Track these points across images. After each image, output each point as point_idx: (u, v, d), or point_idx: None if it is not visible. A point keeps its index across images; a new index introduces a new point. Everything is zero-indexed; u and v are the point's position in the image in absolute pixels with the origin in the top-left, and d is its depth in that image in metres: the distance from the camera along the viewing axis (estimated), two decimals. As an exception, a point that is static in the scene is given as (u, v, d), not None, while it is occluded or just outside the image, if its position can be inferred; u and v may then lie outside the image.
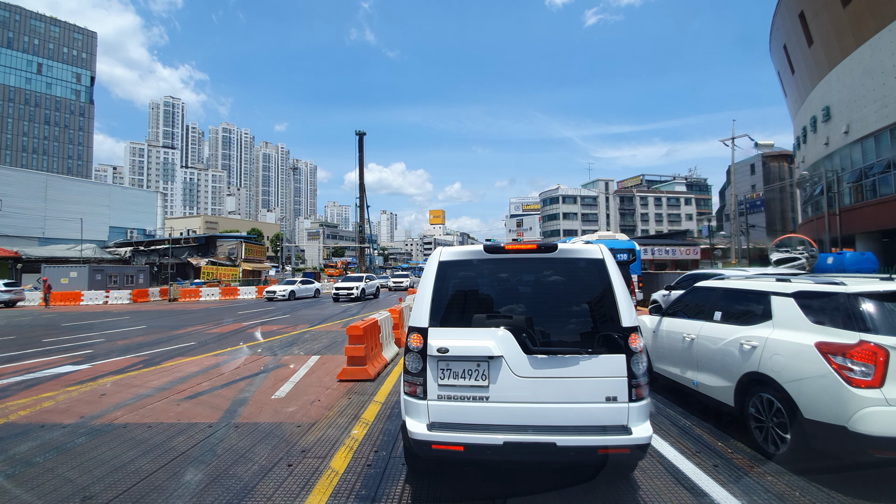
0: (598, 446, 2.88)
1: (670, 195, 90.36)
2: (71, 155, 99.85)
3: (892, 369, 3.28)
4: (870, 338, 3.40)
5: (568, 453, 2.87)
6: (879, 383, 3.28)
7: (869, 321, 3.52)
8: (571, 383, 3.00)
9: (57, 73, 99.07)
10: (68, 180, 56.56)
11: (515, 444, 2.89)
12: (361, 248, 70.18)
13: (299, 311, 20.32)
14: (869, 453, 3.25)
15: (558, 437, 2.88)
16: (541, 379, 3.02)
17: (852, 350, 3.42)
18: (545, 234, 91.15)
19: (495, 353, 3.04)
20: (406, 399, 3.20)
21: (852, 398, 3.32)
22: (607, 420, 2.96)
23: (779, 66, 37.23)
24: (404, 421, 3.16)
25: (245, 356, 9.35)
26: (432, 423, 3.05)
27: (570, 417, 2.97)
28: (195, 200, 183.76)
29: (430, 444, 2.98)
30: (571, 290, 3.31)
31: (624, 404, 2.96)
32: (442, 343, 3.11)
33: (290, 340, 11.48)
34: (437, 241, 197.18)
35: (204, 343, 11.35)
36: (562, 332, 3.18)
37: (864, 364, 3.35)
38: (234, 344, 11.08)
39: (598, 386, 2.99)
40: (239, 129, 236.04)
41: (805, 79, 31.72)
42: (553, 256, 3.34)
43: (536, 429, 2.96)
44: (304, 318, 17.09)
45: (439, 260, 3.46)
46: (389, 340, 9.19)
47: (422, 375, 3.13)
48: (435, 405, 3.09)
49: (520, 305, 3.31)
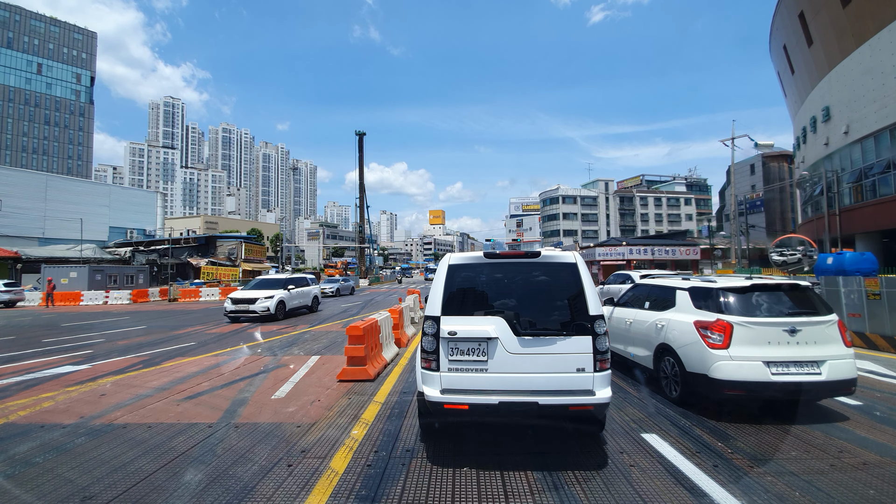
0: (569, 404, 3.71)
1: (670, 195, 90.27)
2: (71, 155, 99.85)
3: (735, 337, 4.96)
4: (723, 317, 5.12)
5: (547, 410, 3.69)
6: (727, 346, 4.96)
7: (724, 306, 5.22)
8: (550, 358, 3.83)
9: (57, 74, 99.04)
10: (68, 180, 56.46)
11: (507, 403, 3.70)
12: (361, 248, 70.17)
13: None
14: (721, 392, 4.92)
15: (540, 398, 3.70)
16: (527, 354, 3.84)
17: (711, 325, 5.14)
18: (545, 234, 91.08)
19: (493, 336, 3.87)
20: (423, 372, 3.99)
21: (711, 355, 5.00)
22: (577, 386, 3.78)
23: (779, 67, 37.23)
24: (421, 390, 3.96)
25: (245, 356, 9.35)
26: (444, 389, 3.87)
27: (549, 383, 3.79)
28: (195, 200, 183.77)
29: (442, 404, 3.80)
30: (551, 287, 4.11)
31: (590, 374, 3.79)
32: (451, 328, 3.93)
33: (290, 341, 11.48)
34: (437, 241, 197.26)
35: (204, 343, 11.35)
36: (543, 318, 3.98)
37: (719, 334, 5.04)
38: (234, 344, 11.08)
39: (571, 360, 3.81)
40: (239, 129, 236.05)
41: (805, 79, 31.71)
42: (537, 261, 4.21)
43: (523, 392, 3.78)
44: (304, 319, 17.09)
45: (448, 264, 4.29)
46: (389, 340, 9.19)
47: (435, 353, 3.93)
48: (446, 375, 3.90)
49: (511, 299, 4.09)
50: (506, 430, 4.59)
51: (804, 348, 4.88)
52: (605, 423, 4.49)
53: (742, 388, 4.81)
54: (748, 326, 4.97)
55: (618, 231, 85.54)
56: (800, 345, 4.89)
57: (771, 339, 4.91)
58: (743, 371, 4.82)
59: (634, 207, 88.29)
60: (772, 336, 4.92)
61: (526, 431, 4.53)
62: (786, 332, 4.90)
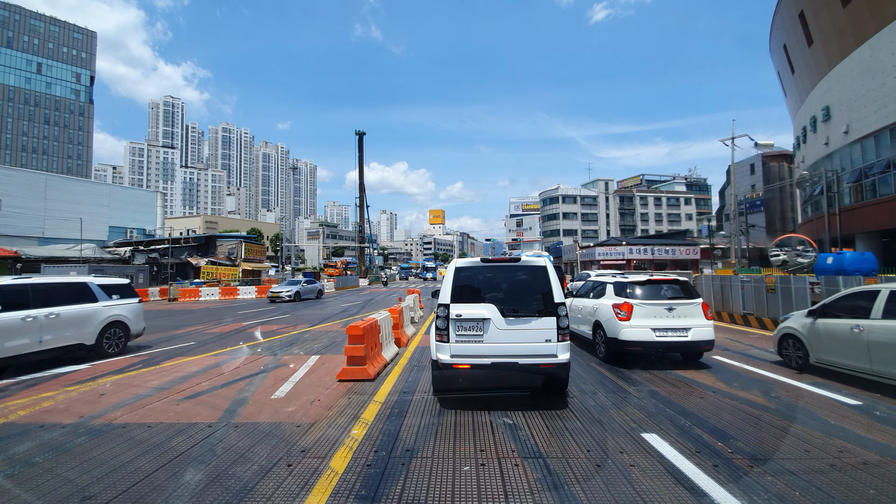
0: (539, 364, 5.23)
1: (670, 195, 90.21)
2: (71, 155, 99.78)
3: (634, 313, 7.77)
4: (628, 300, 7.94)
5: (524, 367, 5.24)
6: (629, 318, 7.78)
7: (630, 293, 8.11)
8: (527, 332, 5.32)
9: (56, 73, 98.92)
10: (68, 180, 56.22)
11: (497, 363, 5.26)
12: (361, 247, 70.15)
13: (300, 311, 20.33)
14: (626, 349, 7.76)
15: (519, 360, 5.26)
16: (511, 330, 5.33)
17: (620, 306, 7.94)
18: (545, 233, 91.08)
19: (487, 317, 5.35)
20: (437, 343, 5.45)
21: (619, 325, 7.83)
22: (545, 351, 5.26)
23: (779, 66, 37.19)
24: (435, 357, 5.45)
25: (245, 356, 9.34)
26: (453, 355, 5.36)
27: (526, 350, 5.29)
28: (195, 200, 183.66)
29: (451, 364, 5.33)
30: (528, 283, 5.58)
31: (554, 343, 5.27)
32: (457, 312, 5.40)
33: (290, 340, 11.48)
34: (437, 241, 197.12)
35: (203, 343, 11.35)
36: (522, 305, 5.43)
37: (624, 311, 7.85)
38: (233, 343, 11.08)
39: (541, 333, 5.30)
40: (238, 129, 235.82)
41: (805, 79, 31.68)
42: (518, 264, 5.72)
43: (508, 356, 5.28)
44: (304, 318, 17.09)
45: (455, 266, 5.76)
46: (389, 340, 9.18)
47: (446, 329, 5.39)
48: (454, 345, 5.37)
49: (499, 292, 5.56)
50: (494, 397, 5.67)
51: (677, 320, 7.68)
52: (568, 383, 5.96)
53: (638, 346, 7.65)
54: (642, 306, 7.80)
55: (618, 231, 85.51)
56: (675, 318, 7.69)
57: (657, 315, 7.72)
58: (638, 334, 7.62)
59: (634, 207, 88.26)
60: (657, 312, 7.73)
61: (505, 395, 5.97)
62: (665, 310, 7.73)
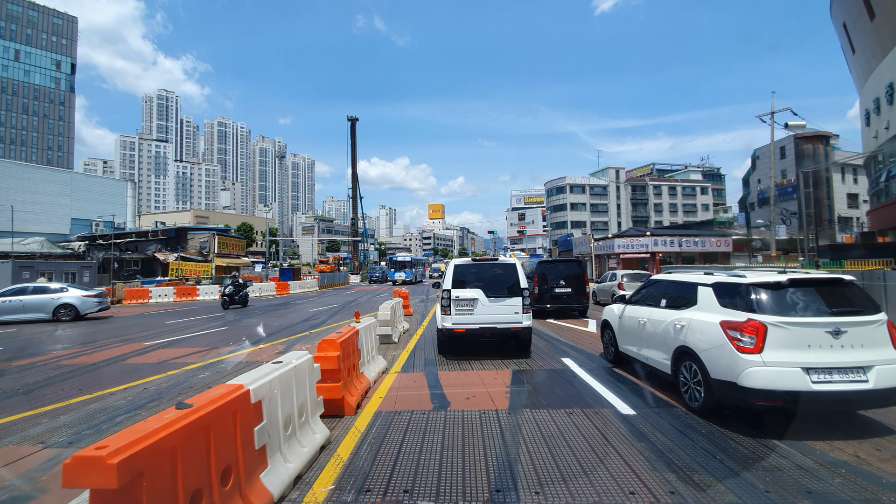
0: (510, 327, 8.41)
1: (685, 184, 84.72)
2: (51, 146, 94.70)
3: (769, 339, 4.36)
4: (755, 316, 4.51)
5: (501, 330, 8.42)
6: (759, 350, 4.37)
7: (756, 304, 4.61)
8: (503, 307, 8.46)
9: (35, 60, 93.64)
10: (21, 166, 50.85)
11: (483, 328, 8.40)
12: (354, 241, 65.32)
13: (245, 320, 15.53)
14: (752, 402, 4.37)
15: (498, 325, 8.40)
16: (492, 306, 8.45)
17: (741, 325, 4.54)
18: (551, 225, 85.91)
19: (476, 297, 8.49)
20: (441, 316, 8.60)
21: (740, 360, 4.42)
22: (515, 320, 8.42)
23: (841, 42, 32.10)
24: (441, 326, 8.56)
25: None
26: (453, 322, 8.41)
27: (502, 319, 8.43)
28: (188, 195, 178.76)
29: (452, 329, 8.38)
30: (503, 274, 8.72)
31: (521, 314, 8.43)
32: (456, 294, 8.50)
33: (175, 383, 6.60)
34: (437, 236, 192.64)
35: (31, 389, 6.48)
36: (499, 289, 8.55)
37: (750, 336, 4.45)
38: (66, 397, 6.22)
39: (512, 307, 8.46)
40: (234, 123, 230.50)
41: (867, 57, 26.73)
42: (497, 262, 8.94)
43: (491, 322, 8.41)
44: (244, 332, 12.29)
45: (454, 263, 8.96)
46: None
47: (448, 307, 8.45)
48: (454, 317, 8.44)
49: (484, 281, 8.67)
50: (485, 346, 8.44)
51: (849, 352, 4.30)
52: (531, 347, 9.02)
53: (778, 398, 4.24)
54: (784, 327, 4.39)
55: (629, 222, 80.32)
56: (844, 348, 4.31)
57: (811, 342, 4.33)
58: (779, 379, 4.25)
59: (647, 197, 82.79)
60: (812, 338, 4.33)
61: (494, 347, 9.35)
62: (828, 334, 4.32)
